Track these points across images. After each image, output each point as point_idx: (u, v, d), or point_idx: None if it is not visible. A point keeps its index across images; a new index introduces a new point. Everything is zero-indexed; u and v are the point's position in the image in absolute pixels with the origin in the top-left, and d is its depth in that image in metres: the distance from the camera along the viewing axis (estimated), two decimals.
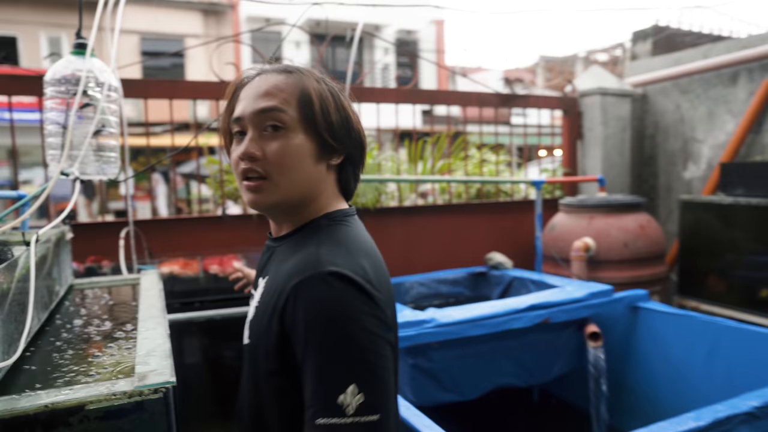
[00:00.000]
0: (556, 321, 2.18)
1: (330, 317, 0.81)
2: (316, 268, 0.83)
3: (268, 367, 0.88)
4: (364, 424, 0.77)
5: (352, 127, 0.97)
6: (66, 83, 1.47)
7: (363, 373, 0.79)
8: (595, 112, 3.33)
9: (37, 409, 0.78)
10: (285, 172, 0.91)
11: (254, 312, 0.95)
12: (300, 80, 0.93)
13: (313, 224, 0.95)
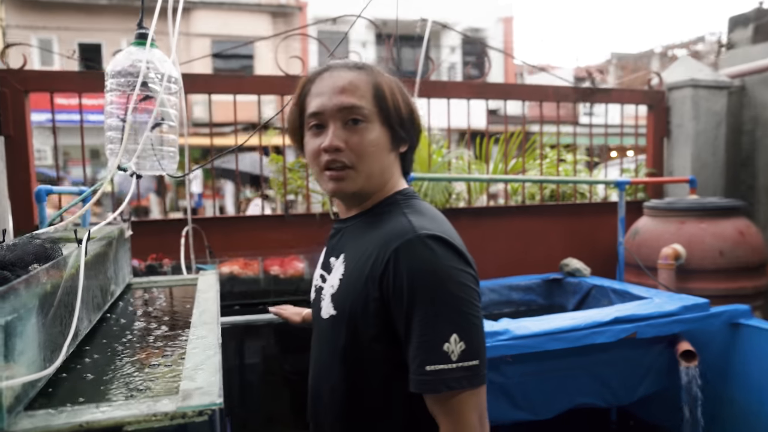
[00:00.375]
0: (643, 336, 1.96)
1: (432, 275, 0.90)
2: (412, 233, 0.92)
3: (367, 333, 0.95)
4: (467, 368, 0.88)
5: (416, 117, 1.07)
6: (126, 75, 1.41)
7: (463, 323, 0.89)
8: (686, 107, 3.03)
9: (71, 428, 0.70)
10: (367, 161, 1.00)
11: (338, 285, 1.01)
12: (372, 76, 1.02)
13: (389, 200, 1.05)
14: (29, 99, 2.13)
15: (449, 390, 0.88)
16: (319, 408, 1.07)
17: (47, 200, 1.54)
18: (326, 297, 1.04)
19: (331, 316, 1.01)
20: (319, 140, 1.00)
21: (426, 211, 1.01)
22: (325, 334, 1.05)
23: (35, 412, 0.74)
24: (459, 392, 0.89)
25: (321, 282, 1.10)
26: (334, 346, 1.01)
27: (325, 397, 1.05)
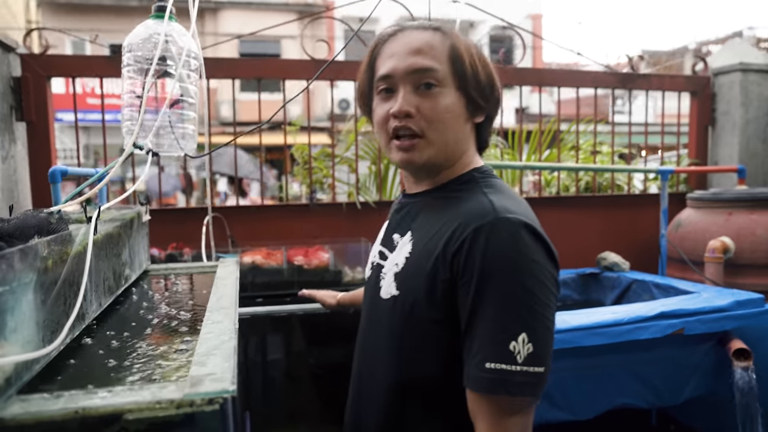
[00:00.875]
0: (691, 333, 1.82)
1: (512, 264, 0.81)
2: (493, 215, 0.84)
3: (431, 316, 0.88)
4: (531, 373, 0.79)
5: (495, 86, 0.97)
6: (143, 49, 1.34)
7: (535, 325, 0.80)
8: (734, 93, 2.85)
9: (65, 415, 0.62)
10: (440, 130, 0.92)
11: (404, 263, 0.93)
12: (449, 38, 0.94)
13: (465, 177, 0.96)
14: (51, 84, 2.09)
15: (507, 394, 0.79)
16: (366, 391, 1.00)
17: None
18: (387, 275, 0.97)
19: (393, 296, 0.94)
20: (388, 105, 0.93)
21: (508, 192, 0.93)
22: (382, 315, 0.97)
23: (29, 397, 0.66)
24: (514, 399, 0.80)
25: (380, 259, 1.03)
26: (392, 328, 0.94)
27: (377, 380, 0.97)
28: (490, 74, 0.96)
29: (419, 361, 0.91)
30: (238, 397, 0.67)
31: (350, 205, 2.43)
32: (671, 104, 2.95)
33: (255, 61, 2.26)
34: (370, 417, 0.99)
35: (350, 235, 2.37)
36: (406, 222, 1.00)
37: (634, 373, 1.84)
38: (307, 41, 2.38)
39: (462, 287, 0.84)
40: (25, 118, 2.02)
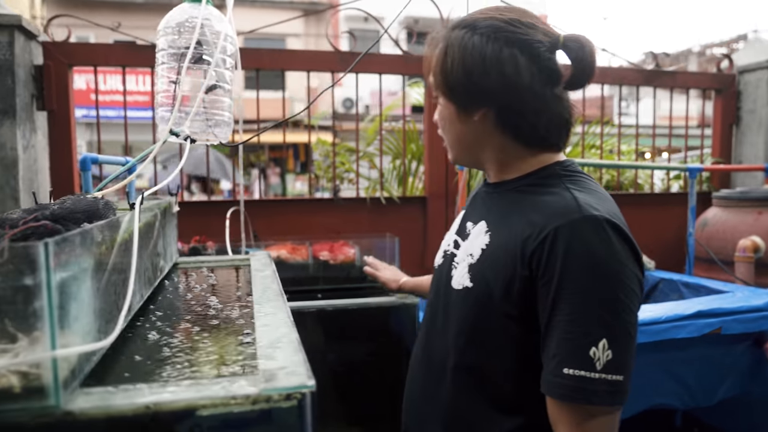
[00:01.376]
0: (728, 332, 1.78)
1: (595, 264, 0.78)
2: (578, 213, 0.80)
3: (505, 311, 0.85)
4: (610, 382, 0.75)
5: (484, 78, 0.87)
6: (179, 32, 1.30)
7: (616, 330, 0.77)
8: (761, 91, 2.81)
9: (136, 410, 0.58)
10: (444, 134, 0.99)
11: (480, 255, 0.91)
12: (435, 49, 0.94)
13: (546, 171, 0.92)
14: (73, 73, 2.05)
15: (586, 402, 0.76)
16: (432, 382, 0.98)
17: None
18: (460, 266, 0.94)
19: (466, 287, 0.91)
20: None
21: (594, 188, 0.89)
22: (454, 305, 0.94)
23: (92, 390, 0.62)
24: (593, 407, 0.77)
25: (453, 248, 1.00)
26: (464, 320, 0.91)
27: (443, 378, 0.95)
28: (468, 69, 0.88)
29: (490, 354, 0.88)
30: (315, 394, 0.63)
31: (374, 200, 2.39)
32: (679, 106, 2.89)
33: (280, 52, 2.21)
34: (436, 408, 0.96)
35: (374, 230, 2.33)
36: (481, 211, 0.98)
37: (669, 372, 1.80)
38: (312, 39, 2.34)
39: (542, 286, 0.81)
40: (46, 108, 1.97)
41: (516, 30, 0.87)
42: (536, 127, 0.90)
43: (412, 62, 2.40)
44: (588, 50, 0.87)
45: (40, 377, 0.57)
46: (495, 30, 0.87)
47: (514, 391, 0.87)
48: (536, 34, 0.88)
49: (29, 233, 0.65)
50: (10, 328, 0.57)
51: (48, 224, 0.67)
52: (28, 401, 0.56)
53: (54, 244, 0.56)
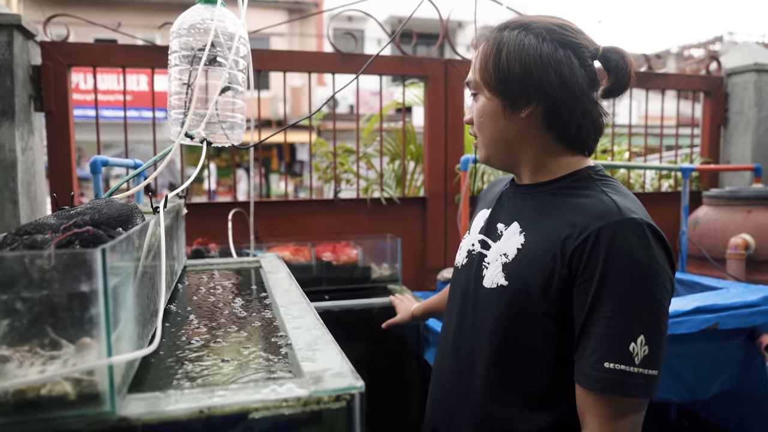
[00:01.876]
0: (724, 328, 1.83)
1: (635, 265, 0.82)
2: (619, 215, 0.84)
3: (543, 309, 0.88)
4: (647, 376, 0.80)
5: (542, 74, 0.90)
6: (194, 34, 1.29)
7: (652, 327, 0.81)
8: (747, 93, 2.88)
9: (191, 414, 0.58)
10: (481, 131, 1.00)
11: (516, 254, 0.93)
12: (485, 44, 0.96)
13: (580, 174, 0.95)
14: (71, 74, 2.02)
15: (625, 395, 0.80)
16: (460, 386, 1.00)
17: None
18: (492, 265, 0.96)
19: (501, 286, 0.93)
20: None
21: (627, 193, 0.93)
22: (486, 304, 0.96)
23: (139, 395, 0.62)
24: (629, 400, 0.81)
25: (481, 248, 1.02)
26: (497, 319, 0.93)
27: (473, 375, 0.97)
28: (526, 65, 0.91)
29: (525, 352, 0.91)
30: (364, 395, 0.64)
31: (374, 201, 2.40)
32: (656, 105, 2.95)
33: (283, 53, 2.21)
34: (466, 407, 0.97)
35: (374, 230, 2.34)
36: (513, 212, 0.99)
37: (668, 367, 1.84)
38: (296, 39, 2.35)
39: (581, 285, 0.84)
40: (44, 109, 1.94)
41: (567, 33, 0.92)
42: (581, 127, 0.94)
43: (411, 63, 2.41)
44: (628, 61, 0.93)
45: (95, 384, 0.57)
46: (549, 31, 0.92)
47: (546, 388, 0.90)
48: (583, 39, 0.93)
49: (73, 239, 0.65)
50: (58, 335, 0.57)
51: (91, 230, 0.67)
52: (83, 408, 0.56)
53: (109, 250, 0.56)
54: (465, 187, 2.06)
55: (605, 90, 0.94)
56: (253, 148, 1.51)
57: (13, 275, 0.55)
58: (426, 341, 1.88)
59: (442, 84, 2.44)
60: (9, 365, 0.57)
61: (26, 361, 0.57)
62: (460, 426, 0.98)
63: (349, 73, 2.26)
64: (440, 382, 1.06)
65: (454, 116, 2.45)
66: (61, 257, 0.56)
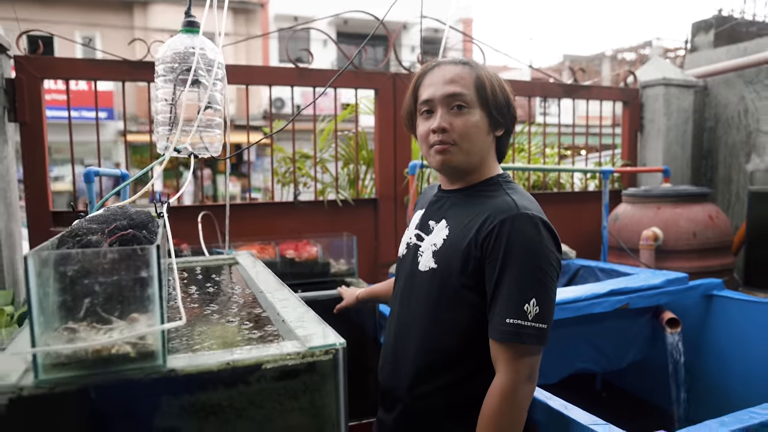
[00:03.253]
0: (634, 307, 2.15)
1: (530, 248, 1.09)
2: (516, 210, 1.11)
3: (462, 283, 1.15)
4: (537, 328, 1.06)
5: (511, 105, 1.24)
6: (174, 60, 1.48)
7: (542, 292, 1.08)
8: (658, 104, 3.28)
9: (220, 366, 0.79)
10: (469, 140, 1.19)
11: (442, 243, 1.20)
12: (475, 70, 1.20)
13: (492, 181, 1.23)
14: (44, 86, 2.14)
15: (520, 343, 1.07)
16: (403, 348, 1.25)
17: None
18: (425, 253, 1.24)
19: (432, 268, 1.21)
20: (429, 123, 1.20)
21: (525, 193, 1.20)
22: (419, 284, 1.23)
23: (177, 355, 0.82)
24: (525, 346, 1.07)
25: (416, 240, 1.29)
26: (429, 294, 1.20)
27: (412, 338, 1.23)
28: (507, 97, 1.23)
29: (452, 319, 1.18)
30: (346, 349, 0.86)
31: (330, 203, 2.61)
32: (593, 108, 3.33)
33: (243, 68, 2.39)
34: (406, 372, 1.23)
35: (331, 230, 2.56)
36: (442, 212, 1.26)
37: (589, 342, 2.16)
38: (241, 38, 2.53)
39: (489, 263, 1.12)
40: (18, 119, 2.05)
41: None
42: (507, 146, 1.30)
43: (362, 77, 2.64)
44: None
45: (149, 345, 0.77)
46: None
47: (465, 344, 1.17)
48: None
49: (119, 239, 0.85)
50: (116, 313, 0.77)
51: (131, 232, 0.87)
52: (142, 362, 0.77)
53: (157, 246, 0.77)
54: (413, 189, 2.31)
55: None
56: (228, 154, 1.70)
57: (90, 267, 0.75)
58: (381, 327, 2.11)
59: (391, 96, 2.69)
60: (80, 334, 0.76)
61: (90, 332, 0.77)
62: (402, 381, 1.24)
63: (306, 85, 2.47)
64: (388, 346, 1.32)
65: (402, 125, 2.70)
66: (127, 252, 0.76)
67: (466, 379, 1.19)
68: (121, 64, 2.22)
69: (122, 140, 13.36)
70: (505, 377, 1.09)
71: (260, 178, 12.73)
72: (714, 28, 3.60)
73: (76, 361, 0.73)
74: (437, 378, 1.20)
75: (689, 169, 3.44)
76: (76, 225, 0.94)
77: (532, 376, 1.12)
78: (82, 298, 0.74)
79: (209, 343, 0.91)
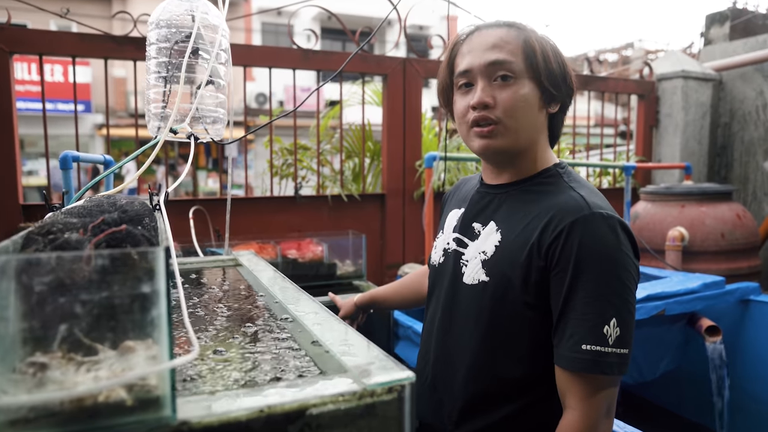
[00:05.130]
0: (670, 313, 1.98)
1: (606, 255, 0.89)
2: (588, 210, 0.91)
3: (524, 300, 0.94)
4: (619, 354, 0.87)
5: (568, 76, 1.01)
6: (173, 26, 1.25)
7: (622, 310, 0.88)
8: (676, 97, 3.12)
9: (251, 415, 0.57)
10: (516, 118, 0.97)
11: (494, 252, 0.99)
12: (522, 32, 0.99)
13: (548, 172, 1.02)
14: (13, 62, 1.87)
15: (602, 373, 0.87)
16: (446, 376, 1.05)
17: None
18: (472, 262, 1.02)
19: (482, 282, 0.99)
20: (468, 98, 0.99)
21: (593, 189, 1.00)
22: (467, 300, 1.02)
23: (191, 398, 0.60)
24: (605, 377, 0.88)
25: (457, 246, 1.07)
26: (480, 312, 0.99)
27: (459, 364, 1.02)
28: (562, 65, 1.01)
29: (510, 342, 0.97)
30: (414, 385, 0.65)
31: (335, 198, 2.39)
32: (589, 106, 3.16)
33: (244, 48, 2.15)
34: (453, 406, 1.02)
35: (334, 227, 2.34)
36: (488, 212, 1.04)
37: None
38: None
39: (557, 275, 0.91)
40: None
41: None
42: (562, 126, 1.07)
43: (371, 61, 2.43)
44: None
45: (151, 388, 0.55)
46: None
47: (523, 374, 0.97)
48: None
49: (108, 238, 0.62)
50: (100, 340, 0.55)
51: (125, 228, 0.64)
52: (143, 414, 0.54)
53: (167, 249, 0.55)
54: (429, 185, 2.10)
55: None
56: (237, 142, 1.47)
57: (68, 278, 0.52)
58: (396, 336, 1.90)
59: (401, 82, 2.47)
60: (52, 373, 0.54)
61: (66, 367, 0.54)
62: (447, 416, 1.03)
63: (310, 69, 2.24)
64: (425, 376, 1.10)
65: (412, 114, 2.49)
66: (121, 257, 0.53)
67: (528, 410, 0.98)
68: (104, 39, 1.96)
69: (99, 134, 12.97)
70: (581, 415, 0.88)
71: (242, 174, 12.41)
72: (729, 20, 3.46)
73: (45, 415, 0.51)
74: (493, 411, 0.99)
75: (706, 166, 3.29)
76: (48, 219, 0.71)
77: (610, 411, 0.91)
78: (56, 325, 0.51)
79: (227, 378, 0.69)
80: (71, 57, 1.91)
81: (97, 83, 11.46)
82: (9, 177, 1.85)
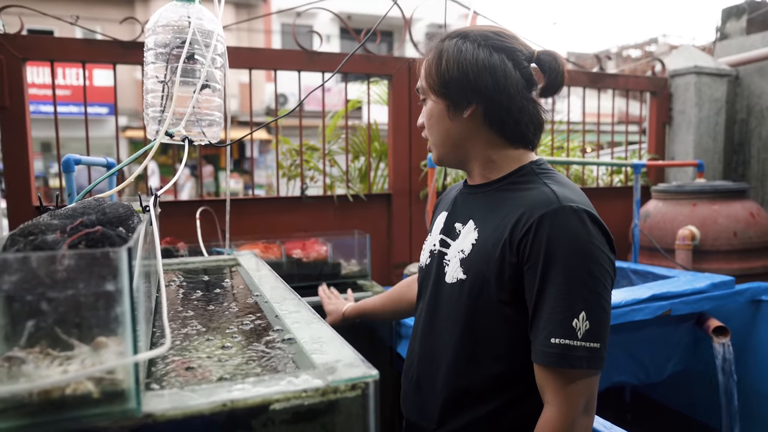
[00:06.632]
0: (677, 313, 1.95)
1: (576, 248, 0.88)
2: (557, 204, 0.91)
3: (499, 297, 0.95)
4: (589, 348, 0.86)
5: (478, 77, 0.97)
6: (169, 32, 1.28)
7: (593, 304, 0.87)
8: (689, 94, 3.07)
9: (214, 408, 0.59)
10: (432, 133, 1.06)
11: (471, 249, 1.00)
12: (429, 54, 1.04)
13: (524, 170, 1.02)
14: (26, 68, 1.94)
15: (571, 367, 0.87)
16: (429, 373, 1.06)
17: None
18: (453, 261, 1.03)
19: (460, 280, 1.00)
20: None
21: (567, 183, 0.99)
22: (448, 298, 1.03)
23: (158, 392, 0.63)
24: (576, 371, 0.88)
25: (441, 247, 1.08)
26: (458, 310, 1.00)
27: (440, 361, 1.03)
28: (464, 69, 0.98)
29: (488, 339, 0.98)
30: (378, 382, 0.66)
31: (340, 198, 2.41)
32: (604, 104, 3.11)
33: (248, 51, 2.19)
34: (435, 403, 1.03)
35: (340, 227, 2.36)
36: (467, 212, 1.06)
37: (627, 352, 1.95)
38: (243, 33, 2.35)
39: (528, 270, 0.91)
40: None
41: (502, 39, 1.00)
42: (519, 123, 1.00)
43: (376, 62, 2.44)
44: (560, 62, 1.01)
45: (118, 382, 0.57)
46: (484, 38, 1.00)
47: (503, 371, 0.97)
48: (517, 44, 1.01)
49: (84, 239, 0.65)
50: (75, 336, 0.58)
51: (100, 229, 0.66)
52: (108, 406, 0.57)
53: (129, 249, 0.57)
54: (432, 184, 2.11)
55: (541, 89, 1.02)
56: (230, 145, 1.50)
57: (36, 276, 0.55)
58: (398, 335, 1.91)
59: (406, 82, 2.48)
60: (26, 366, 0.57)
61: (42, 362, 0.57)
62: (430, 413, 1.04)
63: (315, 70, 2.27)
64: (409, 374, 1.11)
65: (417, 114, 2.50)
66: (86, 257, 0.56)
67: (508, 407, 0.98)
68: (113, 45, 2.02)
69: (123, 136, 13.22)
70: (556, 410, 0.89)
71: (263, 174, 12.53)
72: (746, 13, 3.38)
73: (14, 407, 0.54)
74: (474, 407, 0.99)
75: (721, 163, 3.23)
76: (34, 221, 0.74)
77: (588, 407, 0.91)
78: (24, 321, 0.54)
79: (200, 375, 0.71)
80: (81, 62, 1.97)
81: (121, 87, 11.69)
82: (23, 180, 1.91)
